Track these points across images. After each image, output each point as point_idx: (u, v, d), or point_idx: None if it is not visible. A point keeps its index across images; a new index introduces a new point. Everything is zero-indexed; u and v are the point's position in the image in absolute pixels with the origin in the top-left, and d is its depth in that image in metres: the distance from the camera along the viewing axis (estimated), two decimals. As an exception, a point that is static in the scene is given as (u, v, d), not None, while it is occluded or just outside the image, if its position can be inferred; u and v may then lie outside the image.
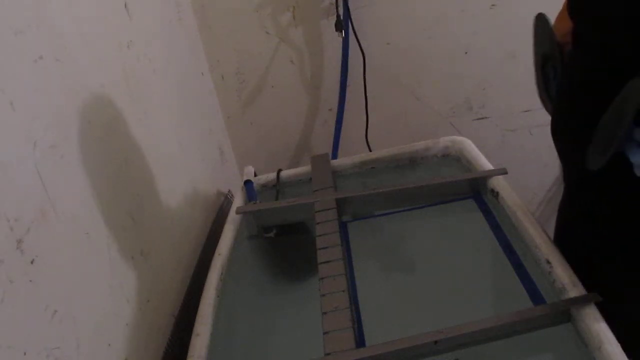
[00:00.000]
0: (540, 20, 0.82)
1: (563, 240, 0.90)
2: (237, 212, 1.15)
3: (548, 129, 0.87)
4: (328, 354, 0.75)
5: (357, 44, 1.54)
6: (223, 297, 0.98)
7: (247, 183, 1.24)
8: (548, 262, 0.85)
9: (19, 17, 0.66)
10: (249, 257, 1.10)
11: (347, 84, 1.61)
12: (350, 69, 1.59)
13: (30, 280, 0.60)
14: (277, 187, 1.26)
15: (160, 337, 0.92)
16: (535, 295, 0.83)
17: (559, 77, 0.83)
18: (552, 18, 0.84)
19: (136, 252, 0.88)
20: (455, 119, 1.72)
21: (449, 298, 0.87)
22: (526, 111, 0.98)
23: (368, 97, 1.62)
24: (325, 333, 0.78)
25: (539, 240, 0.88)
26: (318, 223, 1.02)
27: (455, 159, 1.24)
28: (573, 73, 0.78)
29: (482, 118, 1.71)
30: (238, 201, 1.22)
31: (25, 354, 0.57)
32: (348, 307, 0.82)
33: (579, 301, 0.76)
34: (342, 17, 1.49)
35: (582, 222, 0.85)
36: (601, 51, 0.70)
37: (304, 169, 1.28)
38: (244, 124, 1.71)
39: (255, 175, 1.30)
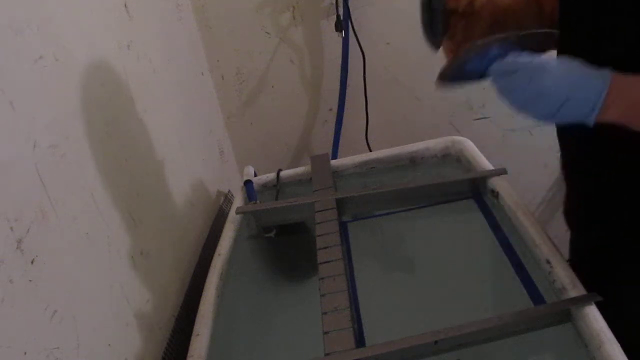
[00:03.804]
0: None
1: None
2: (237, 212, 1.15)
3: (548, 129, 0.87)
4: (328, 354, 0.75)
5: (357, 44, 1.54)
6: (223, 297, 0.98)
7: (247, 183, 1.24)
8: (548, 262, 0.84)
9: (19, 17, 0.66)
10: (249, 257, 1.10)
11: (347, 84, 1.61)
12: (350, 69, 1.59)
13: (30, 280, 0.60)
14: (277, 187, 1.26)
15: (160, 337, 0.92)
16: (535, 295, 0.83)
17: None
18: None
19: (136, 252, 0.88)
20: (455, 119, 1.72)
21: (449, 298, 0.87)
22: (526, 111, 1.00)
23: (368, 97, 1.62)
24: (325, 333, 0.78)
25: (539, 240, 0.88)
26: (318, 223, 1.02)
27: (455, 159, 1.24)
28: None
29: (482, 118, 1.71)
30: (238, 201, 1.22)
31: (25, 354, 0.57)
32: (348, 307, 0.82)
33: (579, 301, 0.76)
34: (342, 17, 1.49)
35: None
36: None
37: (304, 169, 1.28)
38: (244, 124, 1.71)
39: (255, 175, 1.30)
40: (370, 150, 1.66)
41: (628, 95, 0.59)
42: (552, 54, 0.71)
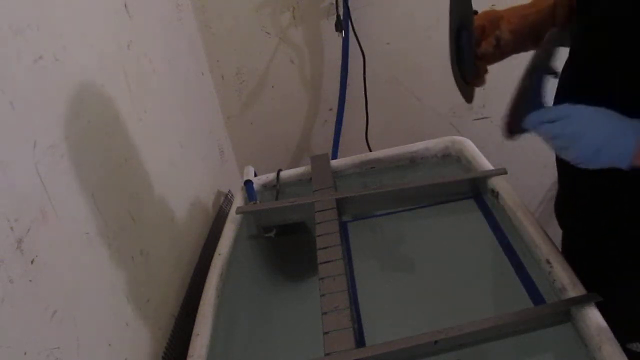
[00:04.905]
0: None
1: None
2: (237, 212, 1.15)
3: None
4: (328, 354, 0.75)
5: (357, 44, 1.54)
6: (223, 297, 0.98)
7: (247, 183, 1.24)
8: (548, 262, 0.85)
9: (19, 17, 0.66)
10: (249, 257, 1.10)
11: (347, 84, 1.61)
12: (350, 69, 1.59)
13: (30, 280, 0.60)
14: (277, 187, 1.26)
15: (160, 337, 0.92)
16: (535, 295, 0.83)
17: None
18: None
19: (136, 252, 0.88)
20: (455, 119, 1.72)
21: (449, 298, 0.87)
22: (526, 111, 1.00)
23: (368, 97, 1.62)
24: (325, 333, 0.78)
25: (539, 240, 0.88)
26: (318, 223, 1.02)
27: (455, 159, 1.24)
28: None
29: (482, 118, 1.71)
30: (238, 201, 1.22)
31: (25, 354, 0.57)
32: (348, 307, 0.82)
33: (579, 301, 0.76)
34: (342, 17, 1.49)
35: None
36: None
37: (304, 169, 1.28)
38: (244, 124, 1.71)
39: (255, 175, 1.30)
40: (370, 150, 1.66)
41: None
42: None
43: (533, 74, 0.69)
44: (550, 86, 0.72)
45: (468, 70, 0.83)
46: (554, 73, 0.70)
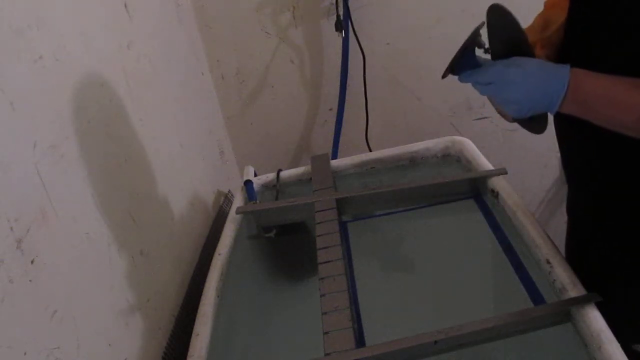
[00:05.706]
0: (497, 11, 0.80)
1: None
2: (237, 212, 1.15)
3: (548, 129, 0.87)
4: (328, 354, 0.75)
5: (357, 44, 1.54)
6: (223, 297, 0.98)
7: (247, 183, 1.24)
8: (548, 262, 0.85)
9: (19, 17, 0.66)
10: (249, 257, 1.10)
11: (347, 84, 1.61)
12: (350, 69, 1.59)
13: (30, 280, 0.60)
14: (277, 187, 1.26)
15: (160, 337, 0.92)
16: (535, 295, 0.83)
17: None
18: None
19: (136, 252, 0.88)
20: (455, 119, 1.72)
21: (449, 298, 0.87)
22: (526, 111, 1.00)
23: (368, 97, 1.62)
24: (325, 333, 0.78)
25: (539, 240, 0.88)
26: (318, 223, 1.02)
27: (455, 159, 1.24)
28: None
29: (482, 118, 1.71)
30: (238, 201, 1.22)
31: (25, 354, 0.57)
32: (348, 307, 0.82)
33: (579, 301, 0.76)
34: (342, 17, 1.49)
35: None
36: None
37: (304, 169, 1.28)
38: (244, 124, 1.71)
39: (255, 175, 1.30)
40: (370, 150, 1.66)
41: (580, 96, 0.69)
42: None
43: (471, 39, 0.76)
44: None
45: None
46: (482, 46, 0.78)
